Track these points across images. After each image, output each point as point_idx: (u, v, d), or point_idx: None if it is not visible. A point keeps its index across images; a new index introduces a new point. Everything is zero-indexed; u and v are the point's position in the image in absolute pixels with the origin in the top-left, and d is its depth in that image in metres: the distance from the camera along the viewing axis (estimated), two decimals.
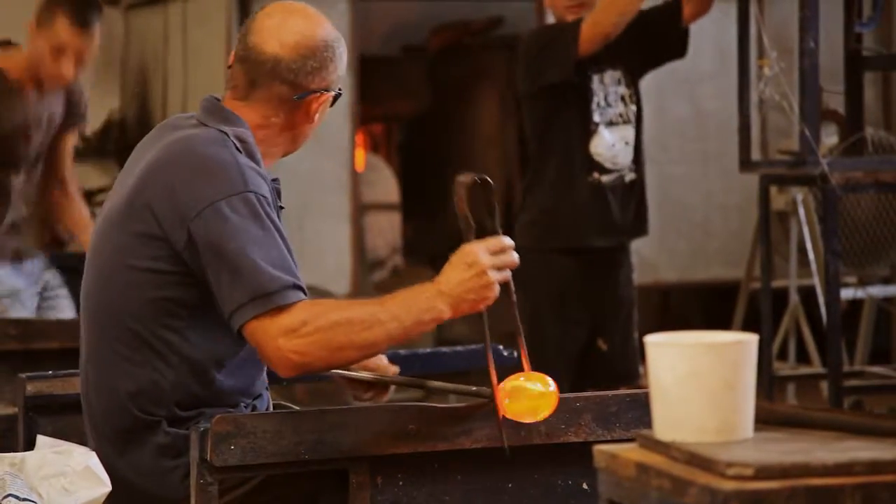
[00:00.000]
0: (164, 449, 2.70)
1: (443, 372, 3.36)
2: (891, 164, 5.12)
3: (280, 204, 2.77)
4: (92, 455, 2.57)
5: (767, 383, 5.26)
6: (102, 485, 2.54)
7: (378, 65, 8.80)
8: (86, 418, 2.80)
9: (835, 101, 5.30)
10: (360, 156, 8.16)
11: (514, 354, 3.44)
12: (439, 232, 8.77)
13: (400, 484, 2.55)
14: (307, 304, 2.58)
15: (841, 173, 4.90)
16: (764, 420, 2.15)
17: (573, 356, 4.97)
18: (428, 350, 3.54)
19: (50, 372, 3.13)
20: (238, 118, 2.77)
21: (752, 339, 2.06)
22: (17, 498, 2.43)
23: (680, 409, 2.03)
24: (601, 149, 4.96)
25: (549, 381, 2.55)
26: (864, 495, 1.92)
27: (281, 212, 2.75)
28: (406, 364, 3.39)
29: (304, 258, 7.09)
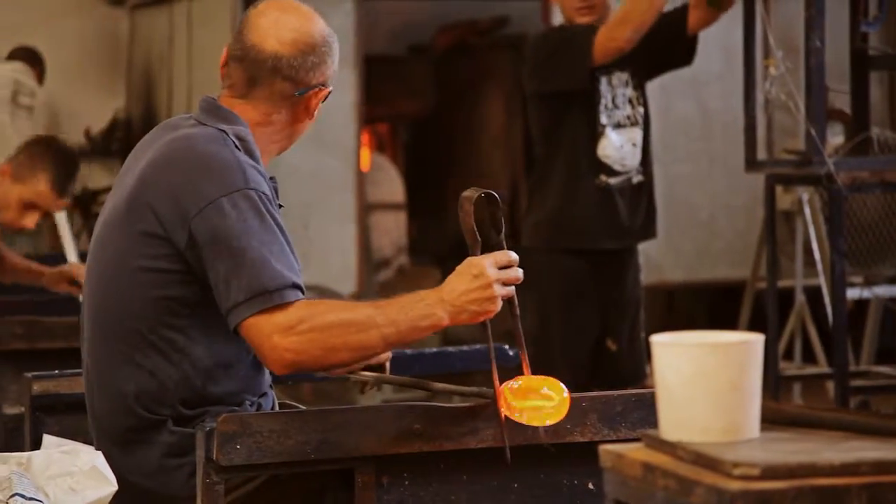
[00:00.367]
0: (170, 448, 2.70)
1: (448, 372, 3.36)
2: None
3: (279, 202, 2.77)
4: (98, 454, 2.57)
5: (773, 383, 5.26)
6: (109, 484, 2.54)
7: (384, 64, 8.80)
8: (90, 419, 2.79)
9: (841, 101, 5.29)
10: (365, 155, 8.15)
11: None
12: (445, 232, 8.77)
13: (406, 484, 2.55)
14: (304, 303, 2.58)
15: (847, 173, 4.90)
16: (770, 420, 2.15)
17: (581, 356, 4.97)
18: (434, 350, 3.54)
19: (56, 371, 3.13)
20: (236, 117, 2.77)
21: (757, 339, 2.06)
22: (23, 497, 2.43)
23: (686, 409, 2.03)
24: (609, 151, 4.95)
25: (563, 387, 2.53)
26: (871, 495, 1.91)
27: (280, 210, 2.75)
28: (412, 364, 3.39)
29: (310, 258, 7.09)
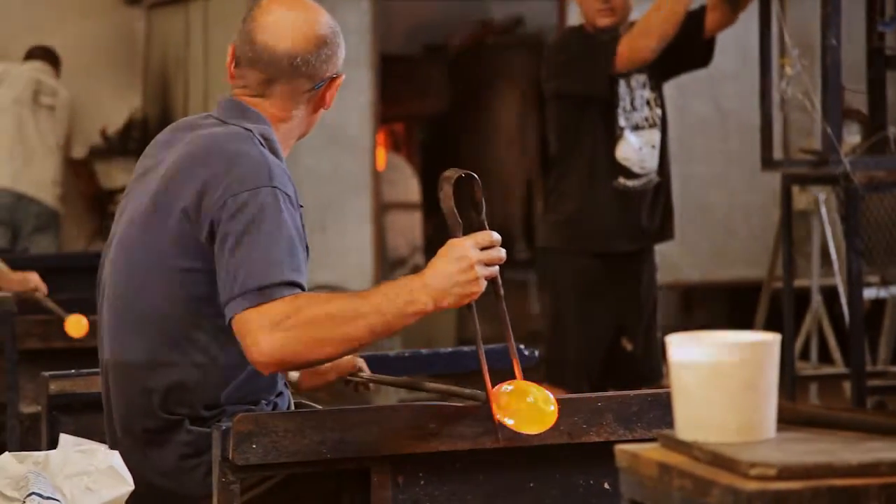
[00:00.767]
0: (186, 447, 2.70)
1: (464, 371, 3.36)
2: None
3: (300, 203, 2.77)
4: (115, 454, 2.58)
5: (790, 383, 5.25)
6: (125, 484, 2.54)
7: (399, 64, 8.81)
8: (106, 418, 2.79)
9: (857, 100, 5.28)
10: (381, 155, 8.16)
11: (535, 353, 3.44)
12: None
13: (421, 483, 2.55)
14: (290, 298, 2.53)
15: (863, 172, 4.89)
16: (786, 420, 2.14)
17: (597, 356, 4.96)
18: (449, 349, 3.53)
19: (73, 371, 3.14)
20: (260, 115, 2.78)
21: (774, 339, 2.06)
22: (40, 496, 2.43)
23: (702, 409, 2.03)
24: (628, 153, 4.94)
25: (551, 398, 2.51)
26: (889, 496, 1.91)
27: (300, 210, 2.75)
28: (428, 363, 3.39)
29: (326, 257, 7.11)
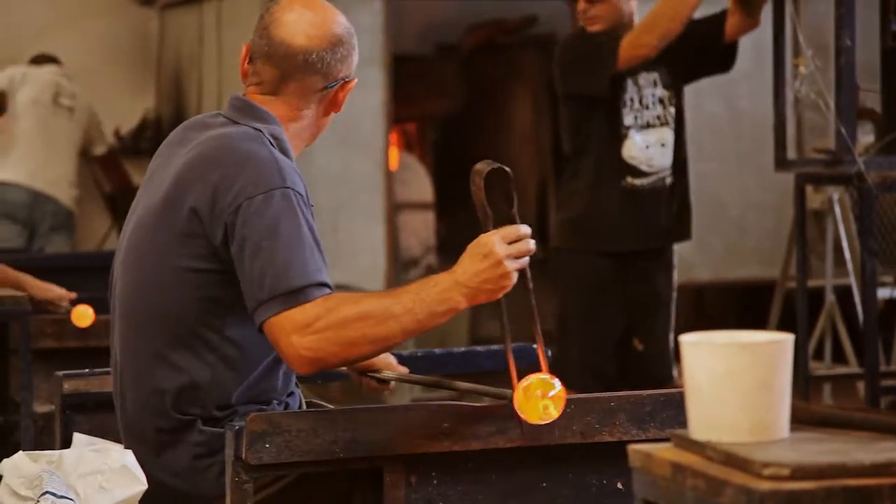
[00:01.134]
0: (199, 447, 2.71)
1: (477, 371, 3.35)
2: None
3: (311, 202, 2.77)
4: (128, 453, 2.58)
5: (803, 383, 5.24)
6: (139, 483, 2.55)
7: (412, 64, 8.80)
8: (119, 418, 2.80)
9: (871, 100, 5.27)
10: (394, 155, 8.16)
11: (548, 353, 3.43)
12: (473, 231, 8.76)
13: (434, 483, 2.55)
14: (322, 299, 2.55)
15: (877, 172, 4.88)
16: (800, 420, 2.14)
17: (604, 355, 4.96)
18: (462, 349, 3.53)
19: (87, 370, 3.14)
20: (269, 115, 2.78)
21: (787, 339, 2.05)
22: (54, 495, 2.44)
23: (715, 408, 2.02)
24: (634, 152, 4.94)
25: (556, 383, 2.50)
26: None
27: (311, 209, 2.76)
28: (441, 363, 3.38)
29: (339, 258, 7.10)
